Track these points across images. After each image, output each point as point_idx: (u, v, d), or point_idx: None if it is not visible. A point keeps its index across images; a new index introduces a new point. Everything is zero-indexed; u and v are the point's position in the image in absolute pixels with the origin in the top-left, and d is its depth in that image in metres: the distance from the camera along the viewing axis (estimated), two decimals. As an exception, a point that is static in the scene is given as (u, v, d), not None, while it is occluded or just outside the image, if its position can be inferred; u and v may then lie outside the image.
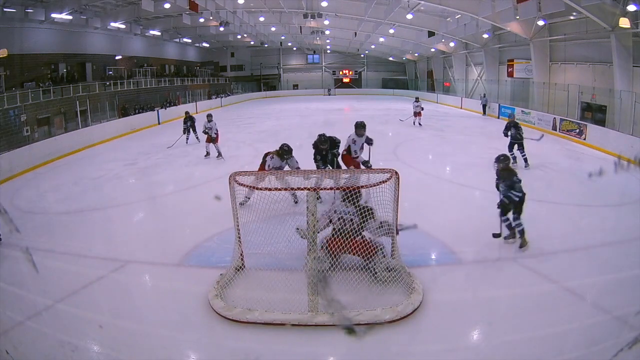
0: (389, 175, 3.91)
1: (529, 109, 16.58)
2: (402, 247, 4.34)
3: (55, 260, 4.85)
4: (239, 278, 4.13)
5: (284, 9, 21.48)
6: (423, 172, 8.78)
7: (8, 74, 15.31)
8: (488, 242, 5.07)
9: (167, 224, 6.09)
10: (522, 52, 19.05)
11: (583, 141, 12.02)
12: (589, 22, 13.19)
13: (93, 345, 3.36)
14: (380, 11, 20.09)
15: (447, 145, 12.13)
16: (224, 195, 4.33)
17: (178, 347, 3.35)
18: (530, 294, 3.97)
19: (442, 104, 26.12)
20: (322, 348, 3.32)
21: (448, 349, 3.25)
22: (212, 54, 35.97)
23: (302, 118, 13.96)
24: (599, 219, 5.95)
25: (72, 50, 19.11)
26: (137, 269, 4.67)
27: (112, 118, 17.35)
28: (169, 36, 26.75)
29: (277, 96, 35.26)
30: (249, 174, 4.10)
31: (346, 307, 3.50)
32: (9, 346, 3.21)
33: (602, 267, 4.46)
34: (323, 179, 4.67)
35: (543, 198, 6.89)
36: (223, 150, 10.49)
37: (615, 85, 12.73)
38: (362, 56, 38.49)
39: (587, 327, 3.41)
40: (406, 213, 5.24)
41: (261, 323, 3.47)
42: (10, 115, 13.42)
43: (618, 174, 6.03)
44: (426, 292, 3.85)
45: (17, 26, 15.61)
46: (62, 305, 3.85)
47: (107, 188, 8.18)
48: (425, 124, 15.88)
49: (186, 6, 17.55)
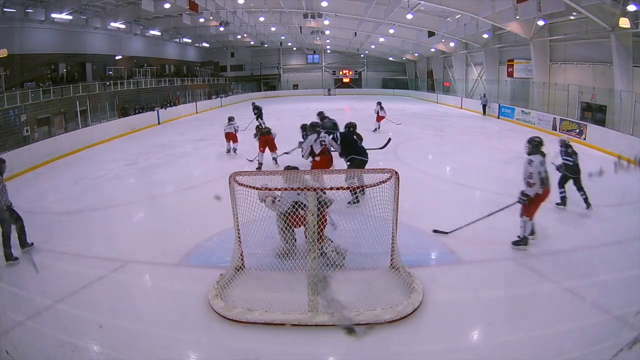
0: (389, 175, 3.91)
1: (529, 109, 16.60)
2: (402, 247, 4.34)
3: (55, 260, 4.85)
4: (239, 278, 4.12)
5: (284, 9, 21.48)
6: (423, 172, 8.77)
7: (8, 74, 15.33)
8: (488, 242, 5.08)
9: (167, 224, 6.10)
10: (522, 52, 19.06)
11: (583, 141, 12.02)
12: (589, 22, 13.20)
13: (93, 345, 3.35)
14: (380, 11, 20.09)
15: (447, 145, 12.13)
16: (224, 195, 4.33)
17: (178, 347, 3.35)
18: (530, 294, 3.97)
19: (442, 104, 26.14)
20: (322, 348, 3.31)
21: (448, 349, 3.25)
22: (212, 54, 35.99)
23: (302, 118, 13.99)
24: (599, 219, 5.95)
25: (72, 50, 19.12)
26: (137, 269, 4.66)
27: (112, 118, 17.36)
28: (169, 36, 26.75)
29: (277, 96, 35.24)
30: (248, 174, 4.10)
31: (346, 307, 3.49)
32: (9, 346, 3.21)
33: (602, 267, 4.46)
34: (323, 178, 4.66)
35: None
36: (224, 150, 10.87)
37: (615, 85, 12.74)
38: (362, 56, 38.50)
39: (587, 327, 3.41)
40: (406, 213, 5.25)
41: (261, 323, 3.47)
42: (10, 115, 13.44)
43: (618, 174, 6.02)
44: (426, 292, 3.85)
45: (17, 26, 15.62)
46: (62, 305, 3.85)
47: (107, 188, 8.18)
48: (425, 124, 15.87)
49: (186, 6, 17.56)
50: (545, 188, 4.81)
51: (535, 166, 4.71)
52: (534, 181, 4.70)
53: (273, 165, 8.88)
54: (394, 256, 4.23)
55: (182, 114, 21.75)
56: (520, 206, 4.87)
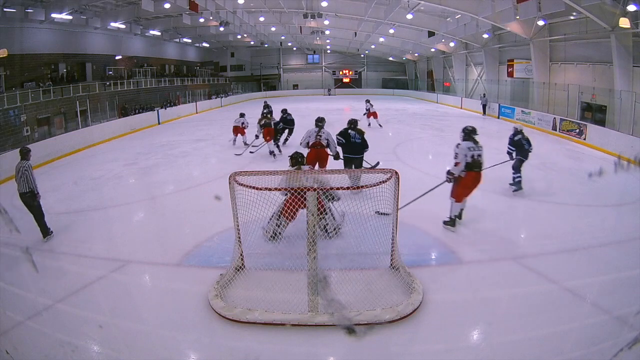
0: (389, 175, 3.91)
1: (529, 109, 16.60)
2: (402, 247, 4.34)
3: (55, 260, 4.86)
4: (239, 278, 4.12)
5: (284, 9, 21.48)
6: (423, 172, 8.77)
7: (8, 74, 15.33)
8: (488, 242, 5.08)
9: (167, 224, 6.09)
10: (522, 52, 19.06)
11: (583, 141, 12.03)
12: (589, 22, 13.20)
13: (93, 345, 3.35)
14: (380, 11, 20.10)
15: (447, 145, 12.08)
16: (224, 195, 4.33)
17: (178, 347, 3.35)
18: (530, 294, 3.97)
19: (442, 104, 26.14)
20: (322, 348, 3.31)
21: (448, 349, 3.25)
22: (212, 54, 35.98)
23: (302, 118, 13.96)
24: (599, 219, 5.95)
25: (72, 50, 19.12)
26: (137, 269, 4.66)
27: (112, 118, 17.36)
28: (169, 36, 26.75)
29: (277, 96, 35.22)
30: (249, 174, 4.09)
31: (346, 307, 3.49)
32: (9, 346, 3.21)
33: (602, 267, 4.46)
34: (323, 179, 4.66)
35: (543, 198, 6.90)
36: (224, 149, 11.02)
37: (615, 85, 12.74)
38: (362, 56, 38.50)
39: (587, 327, 3.41)
40: (406, 213, 5.25)
41: (261, 323, 3.47)
42: (10, 115, 13.44)
43: (618, 174, 6.04)
44: (426, 292, 3.85)
45: (17, 26, 15.62)
46: (62, 305, 3.85)
47: (107, 188, 8.17)
48: (425, 124, 15.87)
49: (186, 6, 17.56)
50: (470, 173, 5.24)
51: (461, 149, 5.25)
52: (458, 161, 5.24)
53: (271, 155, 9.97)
54: (394, 256, 4.23)
55: (182, 114, 21.74)
56: (450, 188, 5.38)
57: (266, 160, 9.82)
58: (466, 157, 5.20)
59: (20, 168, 5.47)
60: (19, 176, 5.45)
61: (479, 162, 5.28)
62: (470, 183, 5.32)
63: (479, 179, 5.34)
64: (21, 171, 5.45)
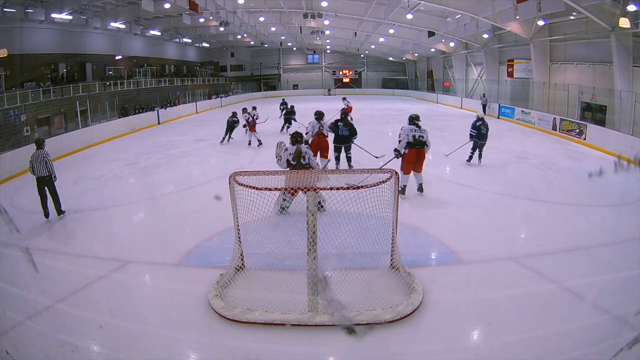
0: (389, 175, 3.90)
1: (529, 109, 16.60)
2: (402, 247, 4.34)
3: (55, 260, 4.85)
4: (239, 278, 4.12)
5: (284, 9, 21.49)
6: (423, 172, 8.76)
7: (8, 74, 15.33)
8: (488, 242, 5.08)
9: (167, 224, 6.09)
10: (522, 52, 19.06)
11: (583, 141, 12.03)
12: (589, 22, 13.21)
13: (93, 345, 3.35)
14: (380, 11, 20.10)
15: (447, 145, 12.10)
16: (224, 195, 4.33)
17: (178, 347, 3.35)
18: (530, 294, 3.96)
19: (442, 104, 26.14)
20: (322, 348, 3.31)
21: (448, 349, 3.25)
22: (212, 54, 35.97)
23: (302, 118, 13.98)
24: (599, 219, 5.95)
25: (72, 50, 19.12)
26: (137, 269, 4.66)
27: (112, 118, 17.36)
28: (169, 36, 26.74)
29: (277, 96, 35.14)
30: (249, 174, 4.09)
31: (346, 307, 3.49)
32: (9, 346, 3.20)
33: (602, 267, 4.46)
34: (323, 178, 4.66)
35: (543, 198, 6.91)
36: (224, 149, 10.93)
37: (615, 85, 12.74)
38: (362, 56, 38.50)
39: (587, 327, 3.41)
40: (406, 213, 5.25)
41: (261, 323, 3.46)
42: (10, 115, 13.44)
43: (618, 174, 6.05)
44: (426, 292, 3.85)
45: (17, 26, 15.62)
46: (62, 305, 3.85)
47: (107, 188, 8.17)
48: (425, 124, 15.83)
49: (186, 6, 17.56)
50: (412, 150, 6.46)
51: (404, 130, 6.53)
52: (400, 139, 6.53)
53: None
54: (394, 256, 4.22)
55: (182, 114, 21.74)
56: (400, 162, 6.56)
57: (266, 160, 9.76)
58: (408, 137, 6.43)
59: (39, 155, 6.06)
60: (38, 162, 6.02)
61: (420, 141, 6.47)
62: (413, 158, 6.52)
63: (422, 155, 6.56)
64: (41, 157, 6.05)
